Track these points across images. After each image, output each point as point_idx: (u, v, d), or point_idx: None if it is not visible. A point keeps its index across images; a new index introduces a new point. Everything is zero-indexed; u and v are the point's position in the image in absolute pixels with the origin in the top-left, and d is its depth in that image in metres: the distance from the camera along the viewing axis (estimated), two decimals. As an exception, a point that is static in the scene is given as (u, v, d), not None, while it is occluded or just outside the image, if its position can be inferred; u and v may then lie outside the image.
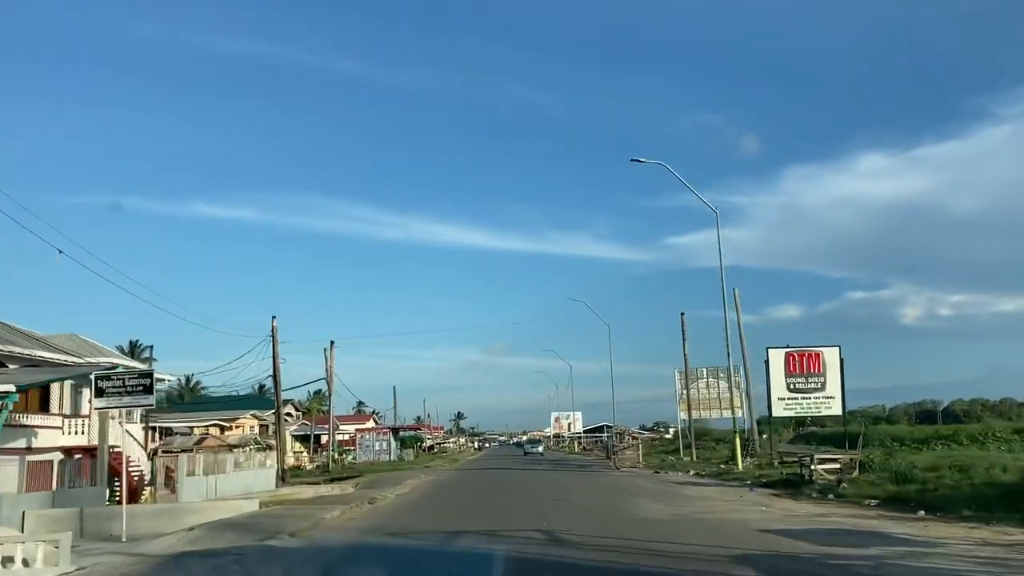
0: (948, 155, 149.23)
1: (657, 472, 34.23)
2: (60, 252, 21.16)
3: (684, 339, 45.58)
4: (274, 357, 40.44)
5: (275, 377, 40.37)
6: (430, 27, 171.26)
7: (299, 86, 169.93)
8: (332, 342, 51.69)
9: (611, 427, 58.14)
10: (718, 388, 50.22)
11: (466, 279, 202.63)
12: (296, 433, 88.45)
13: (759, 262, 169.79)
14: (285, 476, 39.86)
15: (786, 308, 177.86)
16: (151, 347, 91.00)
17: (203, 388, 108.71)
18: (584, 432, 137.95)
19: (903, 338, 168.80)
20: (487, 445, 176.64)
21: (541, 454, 68.21)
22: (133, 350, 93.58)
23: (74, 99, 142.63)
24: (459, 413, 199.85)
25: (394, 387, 79.53)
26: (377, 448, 60.01)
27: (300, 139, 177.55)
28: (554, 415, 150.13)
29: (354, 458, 61.11)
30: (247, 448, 63.23)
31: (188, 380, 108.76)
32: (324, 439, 74.85)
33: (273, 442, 67.76)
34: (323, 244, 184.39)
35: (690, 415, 46.41)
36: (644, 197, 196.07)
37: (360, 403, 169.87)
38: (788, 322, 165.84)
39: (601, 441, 63.90)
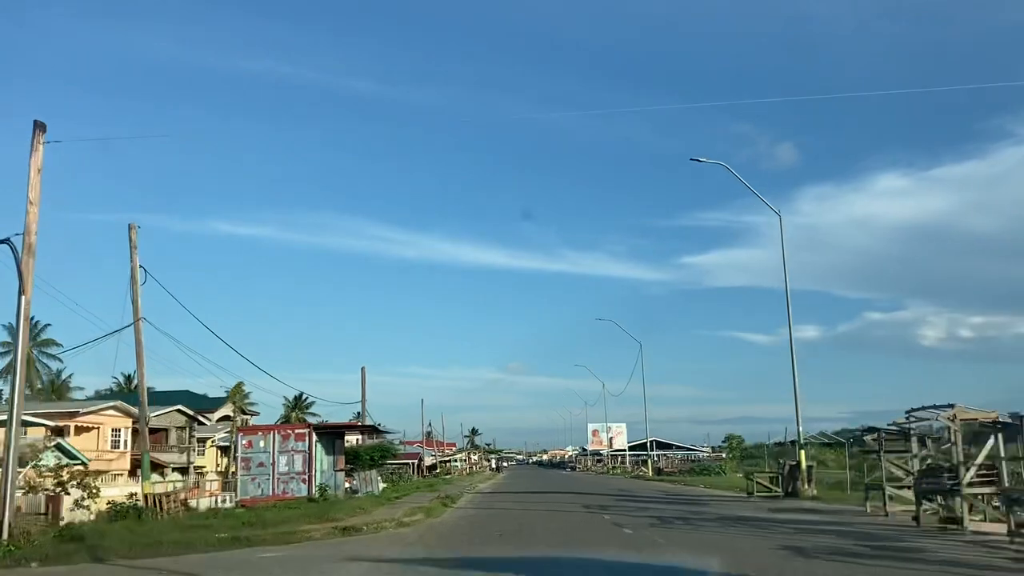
0: (967, 175, 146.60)
1: None
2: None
3: None
4: None
5: None
6: (445, 47, 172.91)
7: (314, 105, 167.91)
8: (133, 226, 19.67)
9: (796, 438, 24.40)
10: None
11: (481, 297, 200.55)
12: (222, 444, 56.73)
13: (775, 282, 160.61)
14: None
15: (803, 328, 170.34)
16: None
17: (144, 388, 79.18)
18: (629, 449, 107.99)
19: (923, 359, 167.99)
20: (505, 464, 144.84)
21: None
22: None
23: (91, 117, 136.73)
24: (474, 429, 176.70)
25: (362, 368, 47.61)
26: (284, 470, 27.96)
27: (315, 157, 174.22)
28: (592, 427, 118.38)
29: (234, 497, 29.00)
30: (32, 464, 31.60)
31: (129, 380, 79.10)
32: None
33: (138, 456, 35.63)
34: (338, 262, 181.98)
35: None
36: (659, 216, 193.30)
37: (358, 415, 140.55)
38: (805, 342, 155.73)
39: (781, 463, 29.71)
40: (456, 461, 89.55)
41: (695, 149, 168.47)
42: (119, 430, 46.95)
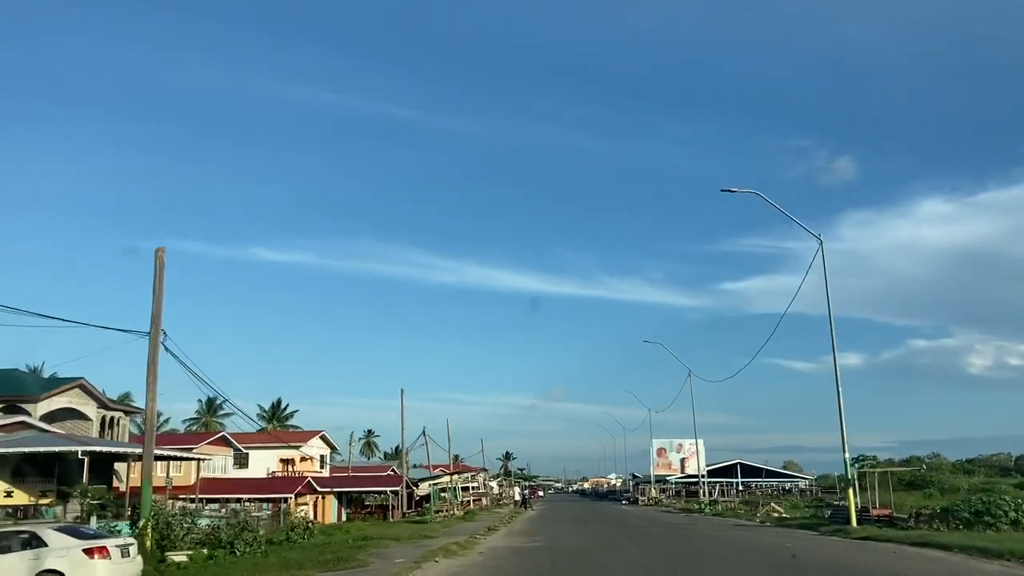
0: (1014, 200, 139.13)
1: None
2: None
3: None
4: None
5: None
6: (484, 75, 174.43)
7: (354, 133, 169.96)
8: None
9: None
10: None
11: (518, 323, 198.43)
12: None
13: (817, 309, 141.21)
14: None
15: (846, 356, 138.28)
16: None
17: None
18: (708, 474, 75.09)
19: (970, 388, 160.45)
20: (540, 494, 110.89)
21: None
22: None
23: (136, 146, 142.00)
24: (507, 453, 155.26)
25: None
26: None
27: (354, 185, 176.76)
28: (657, 444, 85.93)
29: None
30: None
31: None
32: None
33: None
34: (374, 287, 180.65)
35: None
36: (697, 242, 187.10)
37: (369, 431, 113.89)
38: (848, 369, 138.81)
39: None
40: (448, 481, 56.87)
41: (731, 173, 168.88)
42: None
